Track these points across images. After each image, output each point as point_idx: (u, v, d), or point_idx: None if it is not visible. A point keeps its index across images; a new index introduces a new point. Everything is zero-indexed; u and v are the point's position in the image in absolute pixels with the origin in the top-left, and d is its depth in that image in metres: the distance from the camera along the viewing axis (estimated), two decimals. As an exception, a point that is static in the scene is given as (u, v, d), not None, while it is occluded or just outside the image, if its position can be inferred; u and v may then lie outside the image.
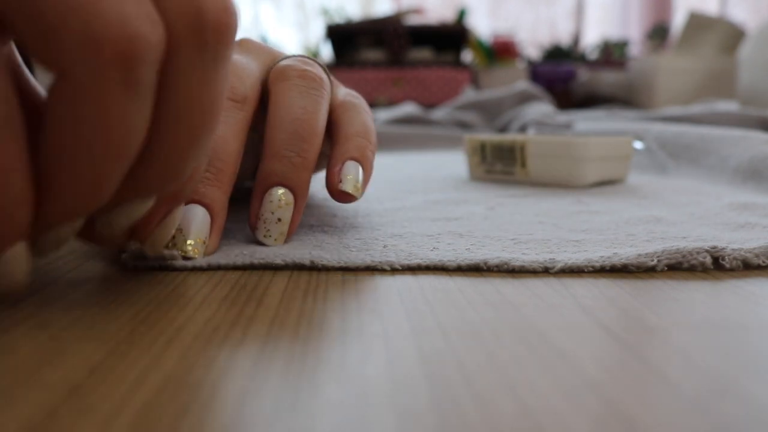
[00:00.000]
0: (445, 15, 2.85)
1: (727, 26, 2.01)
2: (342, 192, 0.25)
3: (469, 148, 0.46)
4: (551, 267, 0.21)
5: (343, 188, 0.24)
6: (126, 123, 0.14)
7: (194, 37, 0.15)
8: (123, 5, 0.13)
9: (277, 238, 0.24)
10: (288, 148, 0.23)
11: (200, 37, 0.15)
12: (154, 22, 0.14)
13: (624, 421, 0.11)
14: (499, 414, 0.11)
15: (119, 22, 0.13)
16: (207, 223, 0.22)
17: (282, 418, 0.11)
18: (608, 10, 3.30)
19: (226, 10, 0.16)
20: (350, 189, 0.24)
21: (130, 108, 0.14)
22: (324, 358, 0.14)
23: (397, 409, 0.12)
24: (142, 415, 0.11)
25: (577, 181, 0.40)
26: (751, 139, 0.43)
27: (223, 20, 0.15)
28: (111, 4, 0.13)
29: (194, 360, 0.14)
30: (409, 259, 0.22)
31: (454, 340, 0.15)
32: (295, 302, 0.18)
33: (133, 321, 0.16)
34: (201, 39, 0.15)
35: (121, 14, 0.13)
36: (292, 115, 0.24)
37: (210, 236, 0.23)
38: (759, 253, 0.22)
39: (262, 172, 0.24)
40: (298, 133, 0.24)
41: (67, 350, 0.14)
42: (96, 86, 0.14)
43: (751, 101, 1.11)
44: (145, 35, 0.14)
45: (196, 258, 0.22)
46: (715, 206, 0.32)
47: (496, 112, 0.96)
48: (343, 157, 0.25)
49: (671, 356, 0.14)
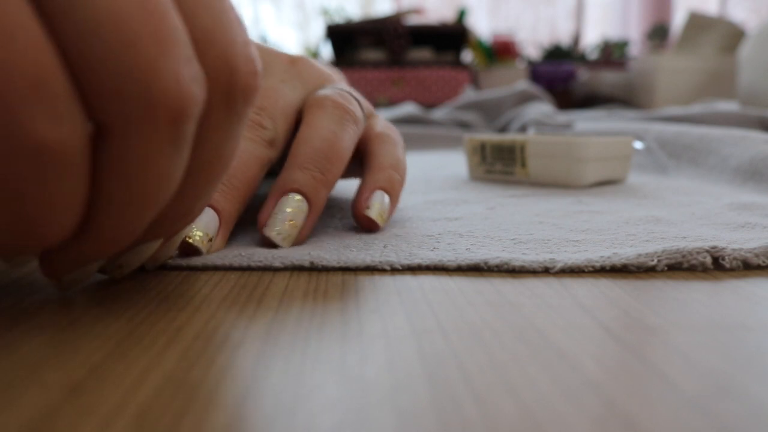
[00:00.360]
0: (445, 15, 2.85)
1: (727, 26, 2.01)
2: (367, 218, 0.26)
3: (469, 148, 0.46)
4: (551, 267, 0.21)
5: (368, 214, 0.26)
6: (168, 175, 0.15)
7: (226, 97, 0.16)
8: (179, 66, 0.14)
9: (286, 238, 0.23)
10: (312, 163, 0.24)
11: (231, 98, 0.16)
12: (201, 81, 0.14)
13: (624, 421, 0.11)
14: (499, 414, 0.11)
15: (176, 85, 0.14)
16: (215, 222, 0.23)
17: (282, 418, 0.11)
18: (608, 10, 3.30)
19: (255, 74, 0.16)
20: (375, 216, 0.26)
21: (174, 161, 0.15)
22: (324, 358, 0.14)
23: (397, 409, 0.12)
24: (142, 415, 0.11)
25: (577, 181, 0.40)
26: (752, 139, 0.43)
27: (251, 83, 0.16)
28: (169, 66, 0.13)
29: (194, 360, 0.14)
30: (409, 259, 0.22)
31: (454, 340, 0.15)
32: (295, 302, 0.18)
33: (133, 321, 0.16)
34: (231, 99, 0.16)
35: (176, 76, 0.14)
36: (322, 136, 0.25)
37: (216, 236, 0.23)
38: (759, 253, 0.22)
39: (282, 179, 0.24)
40: (325, 152, 0.25)
41: (67, 350, 0.14)
42: (147, 143, 0.14)
43: (751, 101, 1.11)
44: (195, 96, 0.14)
45: (201, 249, 0.22)
46: (715, 206, 0.32)
47: (496, 112, 0.96)
48: (373, 186, 0.26)
49: (671, 356, 0.14)
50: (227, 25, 0.15)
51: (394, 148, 0.29)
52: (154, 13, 0.13)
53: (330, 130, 0.25)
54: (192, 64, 0.14)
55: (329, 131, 0.25)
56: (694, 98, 1.86)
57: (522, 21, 3.20)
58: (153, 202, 0.15)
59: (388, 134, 0.29)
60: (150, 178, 0.14)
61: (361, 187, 0.26)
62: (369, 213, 0.26)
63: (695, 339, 0.15)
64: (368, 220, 0.26)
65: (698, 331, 0.16)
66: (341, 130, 0.26)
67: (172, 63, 0.13)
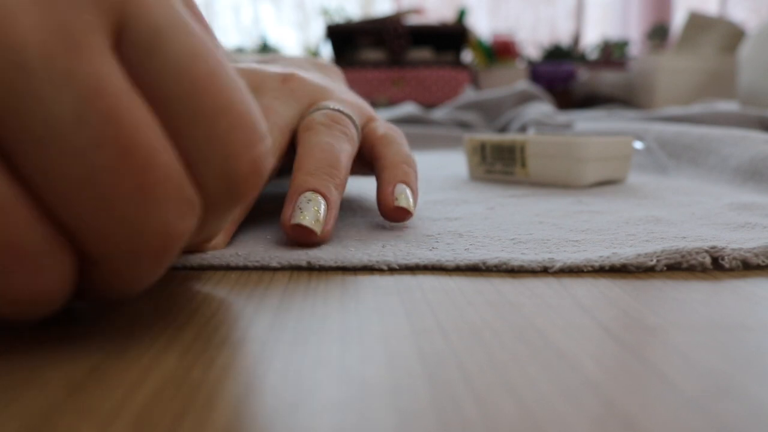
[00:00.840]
0: (445, 15, 2.85)
1: (727, 26, 2.01)
2: (399, 208, 0.26)
3: (469, 148, 0.46)
4: (550, 267, 0.21)
5: (399, 204, 0.26)
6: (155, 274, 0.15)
7: (225, 202, 0.15)
8: (167, 213, 0.13)
9: (316, 222, 0.23)
10: (318, 170, 0.25)
11: (230, 202, 0.15)
12: (193, 207, 0.14)
13: (624, 421, 0.11)
14: (499, 414, 0.11)
15: (164, 229, 0.14)
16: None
17: (282, 418, 0.11)
18: (608, 10, 3.30)
19: (257, 173, 0.15)
20: (405, 205, 0.27)
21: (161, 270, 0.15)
22: (324, 358, 0.14)
23: (397, 409, 0.12)
24: (142, 415, 0.11)
25: (577, 181, 0.40)
26: (752, 139, 0.43)
27: (251, 182, 0.15)
28: (155, 215, 0.13)
29: (194, 360, 0.14)
30: (407, 258, 0.22)
31: (454, 340, 0.15)
32: (295, 302, 0.18)
33: (133, 321, 0.16)
34: (230, 203, 0.16)
35: (164, 222, 0.13)
36: (320, 148, 0.26)
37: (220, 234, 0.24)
38: (758, 253, 0.22)
39: (295, 184, 0.24)
40: (328, 160, 0.25)
41: (67, 350, 0.14)
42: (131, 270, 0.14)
43: (751, 101, 1.11)
44: (183, 232, 0.14)
45: None
46: (715, 206, 0.32)
47: (496, 112, 0.96)
48: (393, 180, 0.27)
49: (671, 356, 0.14)
50: (224, 133, 0.14)
51: (400, 146, 0.29)
52: (138, 163, 0.13)
53: (327, 143, 0.26)
54: (182, 196, 0.14)
55: (327, 144, 0.26)
56: (694, 98, 1.86)
57: (522, 21, 3.20)
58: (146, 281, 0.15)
59: (392, 135, 0.30)
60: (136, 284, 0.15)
61: (381, 185, 0.27)
62: (399, 203, 0.26)
63: (695, 339, 0.15)
64: (400, 210, 0.27)
65: (698, 331, 0.16)
66: (338, 142, 0.27)
67: (159, 211, 0.13)
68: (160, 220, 0.13)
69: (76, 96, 0.12)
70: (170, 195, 0.13)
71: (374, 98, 2.09)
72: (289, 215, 0.23)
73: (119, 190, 0.13)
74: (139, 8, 0.13)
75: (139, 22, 0.13)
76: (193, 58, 0.14)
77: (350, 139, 0.28)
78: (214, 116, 0.14)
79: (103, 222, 0.13)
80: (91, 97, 0.12)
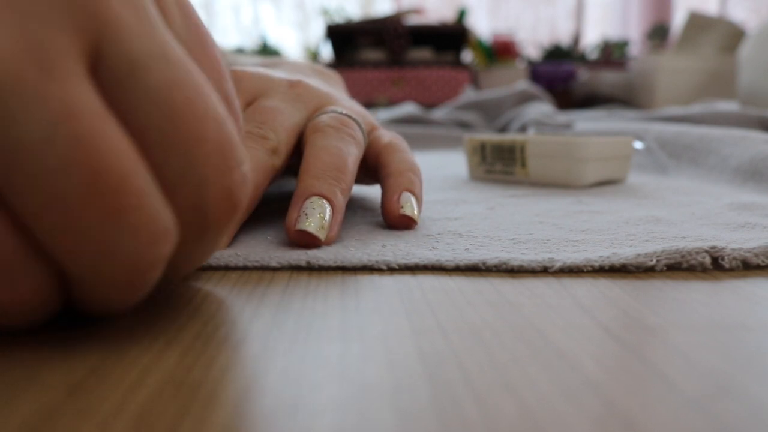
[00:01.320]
0: (445, 15, 2.85)
1: (727, 26, 2.01)
2: (403, 216, 0.27)
3: (469, 148, 0.46)
4: (550, 266, 0.21)
5: (404, 212, 0.27)
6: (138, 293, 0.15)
7: (199, 233, 0.15)
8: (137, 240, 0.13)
9: (320, 228, 0.23)
10: (325, 174, 0.25)
11: (204, 233, 0.15)
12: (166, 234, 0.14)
13: (624, 421, 0.11)
14: (499, 414, 0.11)
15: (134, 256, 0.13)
16: None
17: (282, 418, 0.11)
18: (608, 10, 3.30)
19: (230, 200, 0.15)
20: (410, 213, 0.27)
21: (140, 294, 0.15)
22: (324, 358, 0.14)
23: (397, 409, 0.12)
24: (142, 415, 0.11)
25: (577, 181, 0.40)
26: (752, 139, 0.43)
27: (223, 208, 0.15)
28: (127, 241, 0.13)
29: (194, 360, 0.14)
30: (406, 258, 0.22)
31: (454, 340, 0.15)
32: (295, 302, 0.18)
33: (133, 321, 0.16)
34: (204, 234, 0.15)
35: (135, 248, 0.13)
36: (328, 151, 0.26)
37: None
38: (758, 253, 0.22)
39: (301, 188, 0.24)
40: (335, 164, 0.26)
41: (66, 350, 0.14)
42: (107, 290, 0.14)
43: (751, 101, 1.11)
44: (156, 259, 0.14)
45: None
46: (715, 206, 0.32)
47: (496, 112, 0.96)
48: (398, 189, 0.28)
49: (671, 356, 0.14)
50: (201, 163, 0.14)
51: (405, 154, 0.30)
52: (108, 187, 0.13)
53: (334, 146, 0.26)
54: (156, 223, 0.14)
55: (334, 147, 0.26)
56: (694, 98, 1.86)
57: (522, 21, 3.20)
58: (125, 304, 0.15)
59: (396, 143, 0.30)
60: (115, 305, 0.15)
61: (386, 193, 0.28)
62: (404, 211, 0.27)
63: (695, 339, 0.15)
64: (405, 218, 0.27)
65: (698, 331, 0.16)
66: (345, 146, 0.27)
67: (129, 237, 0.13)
68: (130, 245, 0.13)
69: (46, 117, 0.12)
70: (142, 222, 0.13)
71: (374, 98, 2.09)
72: (294, 220, 0.23)
73: (88, 214, 0.12)
74: (118, 35, 0.13)
75: (117, 50, 0.13)
76: (170, 87, 0.14)
77: (357, 143, 0.28)
78: (189, 145, 0.14)
79: (72, 243, 0.13)
80: (61, 119, 0.12)
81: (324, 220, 0.24)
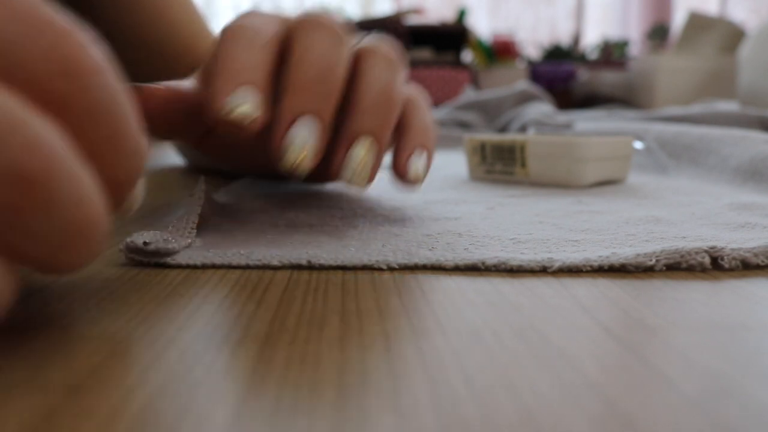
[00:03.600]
0: (445, 15, 2.85)
1: (727, 26, 2.01)
2: (408, 176, 0.27)
3: (469, 148, 0.46)
4: (549, 266, 0.21)
5: (410, 172, 0.27)
6: None
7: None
8: None
9: (363, 179, 0.26)
10: (376, 108, 0.26)
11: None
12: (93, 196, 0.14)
13: (624, 421, 0.11)
14: (499, 414, 0.11)
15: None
16: None
17: (282, 418, 0.11)
18: (608, 10, 3.30)
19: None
20: (414, 175, 0.27)
21: None
22: (324, 358, 0.14)
23: (397, 409, 0.12)
24: (142, 416, 0.11)
25: (577, 181, 0.40)
26: (752, 139, 0.43)
27: None
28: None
29: (194, 360, 0.14)
30: (406, 258, 0.22)
31: (454, 340, 0.15)
32: (295, 302, 0.18)
33: (133, 321, 0.16)
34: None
35: None
36: (381, 84, 0.26)
37: None
38: (758, 253, 0.22)
39: (350, 127, 0.25)
40: (386, 99, 0.26)
41: (67, 350, 0.14)
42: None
43: (751, 101, 1.11)
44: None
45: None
46: (715, 206, 0.32)
47: (496, 112, 0.96)
48: (411, 146, 0.28)
49: (671, 356, 0.14)
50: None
51: (425, 112, 0.30)
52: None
53: (386, 80, 0.27)
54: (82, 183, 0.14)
55: (385, 81, 0.27)
56: (694, 98, 1.85)
57: (522, 21, 3.20)
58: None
59: (419, 100, 0.31)
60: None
61: (399, 147, 0.28)
62: (410, 172, 0.27)
63: (695, 339, 0.15)
64: (409, 179, 0.27)
65: (698, 331, 0.16)
66: (395, 81, 0.27)
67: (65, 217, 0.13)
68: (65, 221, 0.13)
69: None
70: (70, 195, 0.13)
71: (374, 98, 2.08)
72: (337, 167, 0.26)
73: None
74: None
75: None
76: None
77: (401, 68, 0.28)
78: None
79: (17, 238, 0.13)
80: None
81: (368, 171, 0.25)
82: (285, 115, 0.24)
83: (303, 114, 0.24)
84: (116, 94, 0.15)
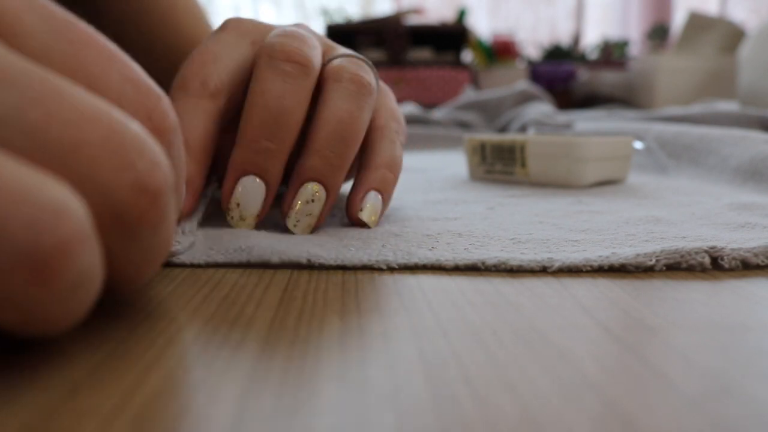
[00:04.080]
0: (445, 15, 2.85)
1: (727, 26, 2.01)
2: (359, 219, 0.27)
3: (469, 148, 0.46)
4: (549, 266, 0.21)
5: (361, 216, 0.27)
6: None
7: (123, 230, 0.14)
8: None
9: (304, 229, 0.25)
10: (329, 148, 0.25)
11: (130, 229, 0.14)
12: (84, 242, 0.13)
13: (624, 421, 0.11)
14: (499, 414, 0.11)
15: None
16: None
17: (282, 418, 0.11)
18: (608, 10, 3.30)
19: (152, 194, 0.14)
20: (366, 218, 0.27)
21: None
22: (324, 358, 0.14)
23: (397, 409, 0.12)
24: (142, 416, 0.11)
25: (577, 181, 0.40)
26: (752, 139, 0.43)
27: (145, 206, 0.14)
28: None
29: (194, 360, 0.14)
30: (406, 258, 0.22)
31: (454, 340, 0.15)
32: (295, 302, 0.18)
33: (133, 321, 0.16)
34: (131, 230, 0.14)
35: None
36: (338, 117, 0.25)
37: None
38: (758, 253, 0.22)
39: (300, 168, 0.25)
40: (342, 135, 0.25)
41: (67, 350, 0.14)
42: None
43: (751, 101, 1.11)
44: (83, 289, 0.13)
45: None
46: (715, 206, 0.32)
47: (496, 112, 0.96)
48: (367, 186, 0.27)
49: (671, 356, 0.14)
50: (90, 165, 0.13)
51: (393, 144, 0.28)
52: None
53: (346, 110, 0.25)
54: None
55: (346, 111, 0.25)
56: (694, 98, 1.85)
57: (522, 21, 3.20)
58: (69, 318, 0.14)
59: (389, 127, 0.29)
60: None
61: (356, 185, 0.27)
62: (361, 215, 0.27)
63: (695, 339, 0.15)
64: (360, 222, 0.27)
65: (698, 331, 0.16)
66: (358, 110, 0.25)
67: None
68: None
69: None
70: None
71: (374, 98, 2.08)
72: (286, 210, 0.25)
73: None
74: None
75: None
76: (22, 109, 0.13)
77: (372, 93, 0.26)
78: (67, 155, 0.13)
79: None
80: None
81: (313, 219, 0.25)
82: (232, 169, 0.24)
83: (247, 173, 0.24)
84: None
